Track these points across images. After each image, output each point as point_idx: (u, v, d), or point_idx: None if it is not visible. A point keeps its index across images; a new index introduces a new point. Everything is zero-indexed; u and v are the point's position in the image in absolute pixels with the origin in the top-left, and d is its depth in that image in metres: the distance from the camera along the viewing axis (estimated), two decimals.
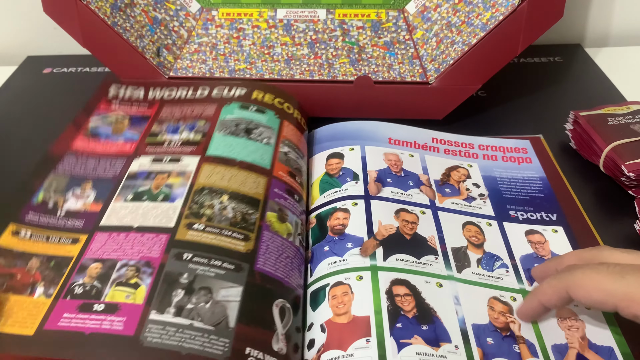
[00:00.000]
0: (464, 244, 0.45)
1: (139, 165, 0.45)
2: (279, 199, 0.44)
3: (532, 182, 0.51)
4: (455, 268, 0.42)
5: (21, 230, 0.40)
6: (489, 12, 0.56)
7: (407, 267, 0.42)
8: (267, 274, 0.39)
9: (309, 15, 0.66)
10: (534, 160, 0.54)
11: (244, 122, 0.49)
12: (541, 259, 0.44)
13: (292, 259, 0.41)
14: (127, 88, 0.53)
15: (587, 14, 0.78)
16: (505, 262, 0.44)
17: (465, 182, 0.51)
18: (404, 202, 0.47)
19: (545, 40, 0.75)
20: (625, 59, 0.74)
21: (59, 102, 0.68)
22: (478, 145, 0.55)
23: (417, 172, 0.51)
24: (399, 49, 0.63)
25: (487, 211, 0.48)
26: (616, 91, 0.66)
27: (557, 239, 0.45)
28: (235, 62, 0.62)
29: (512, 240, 0.45)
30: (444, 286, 0.41)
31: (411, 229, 0.45)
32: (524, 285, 0.42)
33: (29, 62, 0.77)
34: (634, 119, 0.54)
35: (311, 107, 0.60)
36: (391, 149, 0.53)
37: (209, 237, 0.39)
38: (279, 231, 0.42)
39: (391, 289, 0.40)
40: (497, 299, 0.40)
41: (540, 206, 0.49)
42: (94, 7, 0.56)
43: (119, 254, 0.38)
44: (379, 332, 0.37)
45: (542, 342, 0.38)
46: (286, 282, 0.39)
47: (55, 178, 0.44)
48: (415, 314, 0.38)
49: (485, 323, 0.39)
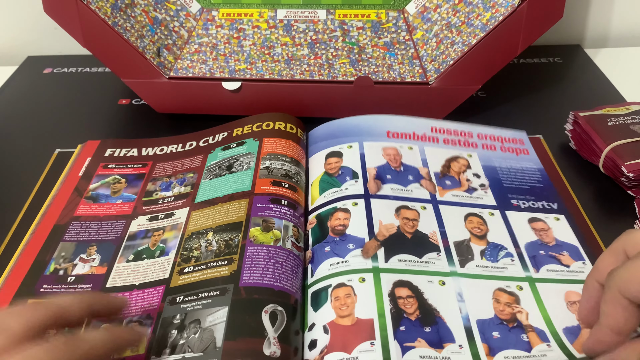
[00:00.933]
0: (467, 236, 0.45)
1: (137, 225, 0.48)
2: (262, 212, 0.45)
3: (531, 172, 0.51)
4: (458, 263, 0.42)
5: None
6: (489, 12, 0.56)
7: (409, 268, 0.41)
8: (254, 286, 0.40)
9: (309, 16, 0.66)
10: (531, 152, 0.54)
11: (225, 160, 0.52)
12: (546, 246, 0.44)
13: (283, 262, 0.42)
14: (122, 150, 0.57)
15: (587, 15, 0.78)
16: (510, 250, 0.43)
17: (465, 173, 0.51)
18: (405, 199, 0.47)
19: (545, 41, 0.75)
20: (625, 59, 0.74)
21: (59, 102, 0.68)
22: (477, 135, 0.55)
23: (417, 166, 0.51)
24: (399, 50, 0.63)
25: (488, 201, 0.48)
26: (616, 91, 0.66)
27: (560, 227, 0.45)
28: (235, 63, 0.62)
29: (515, 228, 0.45)
30: (447, 284, 0.41)
31: (412, 227, 0.45)
32: (529, 272, 0.42)
33: (29, 62, 0.77)
34: (633, 119, 0.54)
35: (311, 108, 0.60)
36: (390, 142, 0.53)
37: (197, 275, 0.42)
38: (263, 241, 0.43)
39: (394, 291, 0.40)
40: (503, 290, 0.40)
41: (541, 195, 0.49)
42: (95, 7, 0.56)
43: (124, 312, 0.40)
44: (383, 336, 0.37)
45: (552, 327, 0.38)
46: (277, 287, 0.40)
47: (64, 247, 0.46)
48: (418, 316, 0.38)
49: (490, 317, 0.39)
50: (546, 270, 0.42)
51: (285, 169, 0.50)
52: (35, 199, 0.52)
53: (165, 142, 0.58)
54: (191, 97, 0.61)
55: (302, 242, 0.45)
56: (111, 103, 0.68)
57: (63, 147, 0.59)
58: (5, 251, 0.47)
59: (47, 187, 0.53)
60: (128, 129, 0.63)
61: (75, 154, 0.57)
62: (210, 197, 0.49)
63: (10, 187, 0.55)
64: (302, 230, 0.46)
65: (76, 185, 0.52)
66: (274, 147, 0.52)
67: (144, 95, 0.61)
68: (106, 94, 0.69)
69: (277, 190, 0.48)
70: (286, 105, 0.60)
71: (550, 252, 0.43)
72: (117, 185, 0.52)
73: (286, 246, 0.43)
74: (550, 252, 0.43)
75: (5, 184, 0.55)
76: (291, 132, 0.54)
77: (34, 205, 0.51)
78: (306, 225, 0.47)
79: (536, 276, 0.41)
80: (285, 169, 0.50)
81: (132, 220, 0.49)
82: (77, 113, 0.66)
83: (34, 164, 0.57)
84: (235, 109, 0.61)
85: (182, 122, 0.62)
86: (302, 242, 0.45)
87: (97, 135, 0.60)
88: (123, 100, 0.68)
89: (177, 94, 0.60)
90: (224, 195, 0.48)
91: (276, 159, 0.51)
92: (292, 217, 0.46)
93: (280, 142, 0.53)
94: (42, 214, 0.50)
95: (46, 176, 0.55)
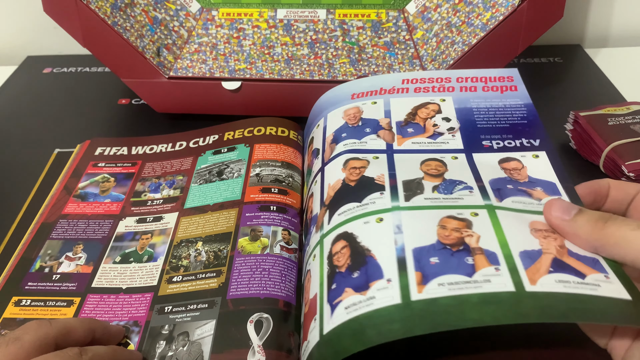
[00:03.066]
0: (420, 175, 0.39)
1: (125, 226, 0.48)
2: (251, 222, 0.45)
3: (515, 109, 0.45)
4: (403, 198, 0.37)
5: (22, 299, 0.42)
6: (489, 12, 0.56)
7: (347, 217, 0.37)
8: (241, 297, 0.40)
9: (309, 15, 0.66)
10: (520, 88, 0.47)
11: (215, 166, 0.52)
12: (517, 182, 0.38)
13: (270, 269, 0.42)
14: (112, 148, 0.57)
15: (587, 14, 0.78)
16: (470, 185, 0.38)
17: (433, 119, 0.45)
18: (356, 151, 0.42)
19: (545, 41, 0.75)
20: (625, 59, 0.74)
21: (59, 102, 0.68)
22: (456, 79, 0.49)
23: (377, 118, 0.46)
24: (399, 49, 0.63)
25: (454, 145, 0.42)
26: (616, 91, 0.66)
27: (538, 164, 0.40)
28: (235, 62, 0.62)
29: (481, 169, 0.40)
30: (385, 219, 0.35)
31: (358, 174, 0.40)
32: (490, 201, 0.36)
33: (29, 62, 0.77)
34: (634, 119, 0.54)
35: (311, 107, 0.60)
36: (352, 104, 0.48)
37: (186, 285, 0.42)
38: (251, 251, 0.43)
39: (331, 251, 0.36)
40: (453, 217, 0.35)
41: (522, 132, 0.43)
42: (94, 7, 0.56)
43: (110, 315, 0.41)
44: (320, 306, 0.34)
45: (506, 250, 0.32)
46: (263, 295, 0.40)
47: (50, 244, 0.46)
48: (349, 264, 0.34)
49: (430, 243, 0.33)
50: (511, 201, 0.36)
51: (275, 174, 0.50)
52: (35, 199, 0.52)
53: (155, 140, 0.58)
54: (191, 96, 0.60)
55: (295, 244, 0.45)
56: (111, 103, 0.67)
57: (63, 147, 0.59)
58: (4, 251, 0.47)
59: (46, 188, 0.53)
60: (128, 129, 0.63)
61: (74, 154, 0.57)
62: (200, 204, 0.49)
63: (10, 187, 0.55)
64: (296, 231, 0.46)
65: (65, 183, 0.52)
66: (265, 153, 0.52)
67: (143, 95, 0.61)
68: (106, 94, 0.69)
69: (265, 197, 0.48)
70: (286, 105, 0.60)
71: (520, 187, 0.38)
72: (106, 184, 0.52)
73: (274, 252, 0.43)
74: (520, 187, 0.38)
75: (4, 183, 0.55)
76: (282, 136, 0.54)
77: (33, 206, 0.51)
78: (302, 225, 0.47)
79: (498, 204, 0.36)
80: (275, 174, 0.50)
81: (120, 220, 0.48)
82: (76, 113, 0.66)
83: (33, 163, 0.57)
84: (235, 109, 0.61)
85: (182, 122, 0.62)
86: (297, 243, 0.45)
87: (97, 135, 0.60)
88: (123, 100, 0.68)
89: (177, 93, 0.60)
90: (214, 204, 0.48)
91: (266, 165, 0.51)
92: (282, 221, 0.46)
93: (271, 147, 0.53)
94: (39, 215, 0.50)
95: (45, 176, 0.55)
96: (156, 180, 0.52)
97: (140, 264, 0.44)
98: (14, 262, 0.45)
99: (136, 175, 0.53)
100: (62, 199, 0.51)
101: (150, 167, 0.54)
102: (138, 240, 0.46)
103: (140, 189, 0.52)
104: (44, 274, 0.44)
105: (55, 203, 0.50)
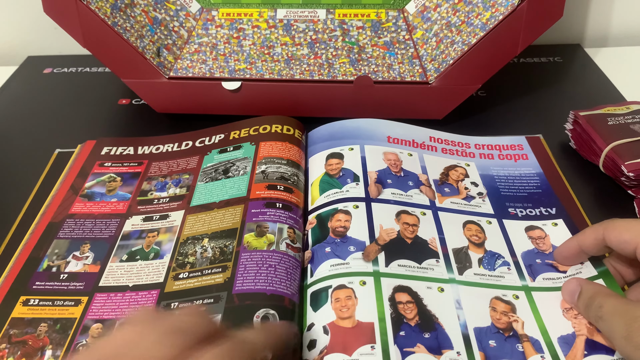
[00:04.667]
0: (465, 244, 0.45)
1: (132, 225, 0.48)
2: (257, 217, 0.46)
3: (529, 178, 0.51)
4: (456, 270, 0.42)
5: (30, 299, 0.42)
6: (489, 12, 0.56)
7: (409, 273, 0.42)
8: (247, 292, 0.40)
9: (309, 15, 0.66)
10: (530, 156, 0.54)
11: (222, 164, 0.53)
12: (543, 254, 0.44)
13: (276, 265, 0.42)
14: (118, 148, 0.57)
15: (587, 14, 0.78)
16: (507, 259, 0.44)
17: (463, 182, 0.51)
18: (405, 204, 0.47)
19: (545, 40, 0.75)
20: (625, 59, 0.74)
21: (59, 102, 0.68)
22: (474, 145, 0.56)
23: (417, 172, 0.51)
24: (398, 49, 0.63)
25: (486, 209, 0.48)
26: (616, 91, 0.66)
27: (558, 232, 0.46)
28: (235, 62, 0.62)
29: (512, 237, 0.46)
30: (445, 290, 0.41)
31: (412, 232, 0.45)
32: (526, 282, 0.42)
33: (29, 62, 0.77)
34: (633, 119, 0.54)
35: (311, 107, 0.60)
36: (390, 147, 0.53)
37: (192, 281, 0.42)
38: (257, 247, 0.43)
39: (394, 296, 0.40)
40: (499, 299, 0.40)
41: (539, 201, 0.49)
42: (94, 7, 0.56)
43: (117, 313, 0.41)
44: (383, 340, 0.37)
45: (547, 337, 0.38)
46: (269, 291, 0.40)
47: (58, 244, 0.46)
48: (418, 322, 0.38)
49: (487, 325, 0.39)
50: (542, 279, 0.42)
51: (281, 171, 0.50)
52: (35, 199, 0.52)
53: (162, 140, 0.58)
54: (191, 97, 0.61)
55: (299, 243, 0.45)
56: (111, 103, 0.68)
57: (63, 147, 0.59)
58: (5, 251, 0.47)
59: (46, 187, 0.53)
60: (128, 129, 0.63)
61: (75, 154, 0.57)
62: (206, 202, 0.49)
63: (10, 187, 0.55)
64: (300, 230, 0.46)
65: (72, 183, 0.52)
66: (270, 151, 0.52)
67: (143, 95, 0.61)
68: (106, 94, 0.69)
69: (271, 193, 0.48)
70: (286, 105, 0.60)
71: (546, 259, 0.43)
72: (113, 184, 0.52)
73: (280, 249, 0.43)
74: (546, 259, 0.43)
75: (5, 184, 0.55)
76: (288, 134, 0.54)
77: (33, 205, 0.51)
78: (305, 225, 0.47)
79: (532, 285, 0.42)
80: (281, 171, 0.50)
81: (127, 219, 0.49)
82: (77, 113, 0.66)
83: (33, 164, 0.57)
84: (235, 109, 0.61)
85: (182, 122, 0.62)
86: (301, 243, 0.45)
87: (97, 135, 0.60)
88: (123, 100, 0.68)
89: (177, 93, 0.60)
90: (220, 201, 0.48)
91: (272, 162, 0.51)
92: (288, 219, 0.46)
93: (276, 145, 0.53)
94: (41, 214, 0.50)
95: (46, 176, 0.55)
96: (162, 179, 0.53)
97: (146, 261, 0.45)
98: (21, 261, 0.45)
99: (142, 174, 0.54)
100: (69, 198, 0.51)
101: (156, 167, 0.54)
102: (144, 238, 0.47)
103: (146, 188, 0.52)
104: (51, 273, 0.44)
105: (62, 203, 0.50)
